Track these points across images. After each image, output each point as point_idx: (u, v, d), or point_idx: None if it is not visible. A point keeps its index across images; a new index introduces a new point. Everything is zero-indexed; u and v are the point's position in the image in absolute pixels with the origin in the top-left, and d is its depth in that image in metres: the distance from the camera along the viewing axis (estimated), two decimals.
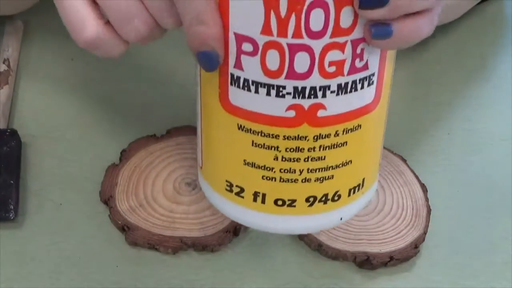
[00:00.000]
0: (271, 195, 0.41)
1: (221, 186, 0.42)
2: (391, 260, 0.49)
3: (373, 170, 0.44)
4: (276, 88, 0.37)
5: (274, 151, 0.39)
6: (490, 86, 0.66)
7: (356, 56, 0.36)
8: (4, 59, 0.62)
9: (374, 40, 0.35)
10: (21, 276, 0.48)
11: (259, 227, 0.43)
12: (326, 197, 0.41)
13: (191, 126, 0.58)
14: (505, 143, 0.60)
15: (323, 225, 0.44)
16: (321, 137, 0.38)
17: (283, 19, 0.34)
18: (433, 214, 0.53)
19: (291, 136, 0.38)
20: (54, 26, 0.68)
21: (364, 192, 0.43)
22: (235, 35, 0.36)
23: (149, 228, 0.50)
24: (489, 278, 0.50)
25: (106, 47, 0.39)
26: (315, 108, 0.37)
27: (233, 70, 0.37)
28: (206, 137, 0.42)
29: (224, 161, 0.41)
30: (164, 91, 0.63)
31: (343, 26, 0.35)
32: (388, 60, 0.39)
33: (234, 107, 0.38)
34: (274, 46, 0.35)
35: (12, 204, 0.51)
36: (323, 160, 0.39)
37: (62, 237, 0.51)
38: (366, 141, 0.41)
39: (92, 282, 0.48)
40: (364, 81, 0.38)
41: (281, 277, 0.49)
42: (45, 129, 0.58)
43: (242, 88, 0.37)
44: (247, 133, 0.39)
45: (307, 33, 0.35)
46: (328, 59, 0.36)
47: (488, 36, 0.72)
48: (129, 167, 0.54)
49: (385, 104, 0.41)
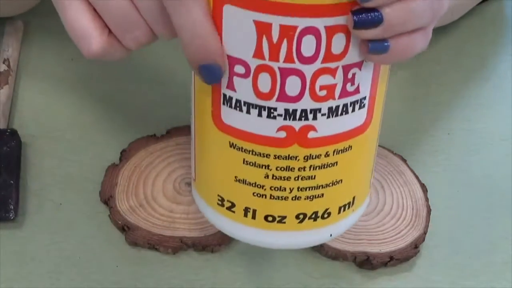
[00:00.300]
0: (261, 211, 0.41)
1: (213, 200, 0.43)
2: (391, 260, 0.49)
3: (364, 187, 0.44)
4: (267, 109, 0.37)
5: (265, 169, 0.39)
6: (490, 86, 0.66)
7: (347, 81, 0.37)
8: (4, 59, 0.62)
9: (370, 55, 0.35)
10: (21, 276, 0.48)
11: (249, 242, 0.44)
12: (316, 214, 0.41)
13: None
14: (505, 143, 0.60)
15: (313, 241, 0.45)
16: (312, 157, 0.39)
17: (275, 44, 0.35)
18: (433, 214, 0.53)
19: (281, 155, 0.38)
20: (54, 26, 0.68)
21: (355, 210, 0.43)
22: (227, 57, 0.36)
23: (149, 228, 0.50)
24: (489, 278, 0.50)
25: (110, 56, 0.40)
26: (306, 129, 0.38)
27: (225, 91, 0.38)
28: (199, 152, 0.43)
29: (216, 176, 0.42)
30: (164, 91, 0.63)
31: (335, 52, 0.35)
32: (380, 83, 0.39)
33: (226, 126, 0.39)
34: (266, 70, 0.36)
35: (12, 204, 0.51)
36: (313, 179, 0.40)
37: (62, 237, 0.51)
38: (357, 161, 0.41)
39: (92, 282, 0.48)
40: (355, 104, 0.38)
41: (281, 277, 0.49)
42: (45, 129, 0.58)
43: (234, 108, 0.38)
44: (239, 151, 0.39)
45: (299, 58, 0.35)
46: (319, 83, 0.36)
47: (488, 36, 0.72)
48: (129, 167, 0.54)
49: (377, 125, 0.41)
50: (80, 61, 0.65)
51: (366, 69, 0.37)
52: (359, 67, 0.37)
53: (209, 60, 0.36)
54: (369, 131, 0.40)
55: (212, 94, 0.38)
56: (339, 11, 0.34)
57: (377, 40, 0.35)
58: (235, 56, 0.36)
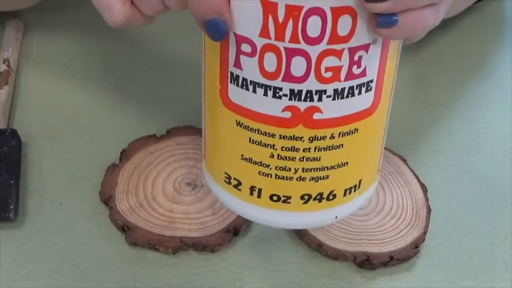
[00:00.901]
0: (266, 190, 0.41)
1: (220, 177, 0.43)
2: (391, 260, 0.49)
3: (371, 171, 0.44)
4: (273, 89, 0.37)
5: (270, 149, 0.39)
6: (490, 86, 0.66)
7: (353, 63, 0.36)
8: (4, 59, 0.62)
9: (379, 28, 0.35)
10: (21, 276, 0.48)
11: (255, 220, 0.44)
12: (321, 196, 0.41)
13: (191, 126, 0.58)
14: (505, 143, 0.60)
15: (317, 222, 0.45)
16: (317, 138, 0.39)
17: (280, 24, 0.35)
18: (433, 214, 0.53)
19: (286, 136, 0.39)
20: (54, 26, 0.68)
21: (361, 193, 0.43)
22: (235, 36, 0.37)
23: (149, 228, 0.50)
24: (489, 278, 0.50)
25: (132, 24, 0.43)
26: (311, 110, 0.38)
27: (232, 69, 0.38)
28: (208, 129, 0.43)
29: (223, 154, 0.42)
30: (164, 91, 0.63)
31: (341, 34, 0.35)
32: (389, 66, 0.39)
33: (233, 104, 0.39)
34: (272, 49, 0.36)
35: (12, 204, 0.51)
36: (318, 160, 0.40)
37: (62, 237, 0.51)
38: (364, 144, 0.41)
39: (92, 282, 0.48)
40: (361, 87, 0.38)
41: (281, 277, 0.49)
42: (45, 129, 0.58)
43: (241, 86, 0.38)
44: (245, 129, 0.39)
45: (304, 38, 0.35)
46: (325, 64, 0.36)
47: (488, 36, 0.72)
48: (129, 167, 0.54)
49: (386, 109, 0.41)
50: (80, 61, 0.65)
51: (373, 52, 0.37)
52: (366, 50, 0.36)
53: (213, 14, 0.36)
54: (376, 114, 0.40)
55: (220, 72, 0.39)
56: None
57: (386, 14, 0.35)
58: (242, 34, 0.36)
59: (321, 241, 0.50)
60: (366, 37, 0.36)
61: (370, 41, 0.36)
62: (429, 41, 0.68)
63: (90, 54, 0.65)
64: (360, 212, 0.52)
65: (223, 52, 0.38)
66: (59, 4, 0.70)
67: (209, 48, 0.39)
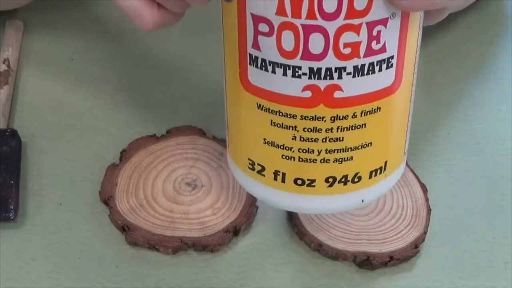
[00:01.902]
0: (290, 174, 0.41)
1: (244, 164, 0.43)
2: (391, 260, 0.49)
3: (397, 153, 0.43)
4: (292, 68, 0.37)
5: (292, 130, 0.39)
6: (490, 86, 0.66)
7: (372, 38, 0.36)
8: (4, 59, 0.62)
9: (396, 0, 0.35)
10: (21, 276, 0.48)
11: (280, 206, 0.44)
12: (345, 178, 0.41)
13: (191, 126, 0.58)
14: (505, 143, 0.60)
15: (343, 206, 0.44)
16: (339, 118, 0.38)
17: (296, 0, 0.35)
18: (433, 214, 0.53)
19: (308, 116, 0.38)
20: (54, 25, 0.68)
21: (387, 175, 0.43)
22: (252, 16, 0.36)
23: (149, 228, 0.50)
24: (489, 278, 0.50)
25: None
26: (332, 89, 0.37)
27: (251, 50, 0.38)
28: (230, 115, 0.43)
29: (246, 139, 0.42)
30: (164, 91, 0.63)
31: (358, 8, 0.35)
32: (409, 42, 0.38)
33: (253, 87, 0.39)
34: (289, 27, 0.36)
35: (12, 204, 0.51)
36: (341, 141, 0.39)
37: (62, 237, 0.51)
38: (387, 123, 0.40)
39: (92, 282, 0.48)
40: (382, 63, 0.37)
41: (281, 277, 0.49)
42: (45, 129, 0.58)
43: (260, 68, 0.38)
44: (266, 112, 0.39)
45: (321, 14, 0.35)
46: (343, 40, 0.36)
47: (488, 36, 0.72)
48: (129, 167, 0.54)
49: (409, 87, 0.40)
50: (80, 61, 0.65)
51: (392, 26, 0.36)
52: (385, 25, 0.36)
53: None
54: (399, 92, 0.39)
55: (239, 54, 0.38)
56: None
57: None
58: (258, 14, 0.36)
59: (321, 241, 0.50)
60: (384, 11, 0.35)
61: (388, 15, 0.36)
62: (429, 41, 0.68)
63: (90, 54, 0.65)
64: (360, 212, 0.52)
65: (241, 34, 0.38)
66: (59, 4, 0.70)
67: (228, 31, 0.39)
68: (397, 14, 0.36)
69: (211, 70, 0.64)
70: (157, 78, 0.64)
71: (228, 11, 0.38)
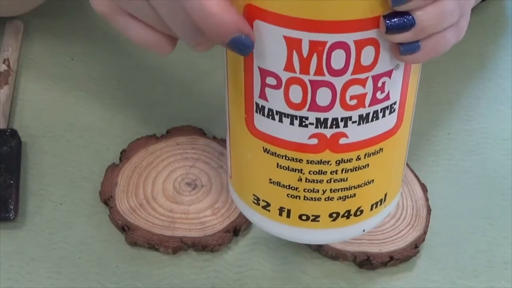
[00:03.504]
0: (295, 211, 0.42)
1: (248, 198, 0.43)
2: (391, 260, 0.49)
3: (396, 183, 0.44)
4: (299, 118, 0.37)
5: (298, 173, 0.40)
6: (490, 86, 0.66)
7: (377, 89, 0.37)
8: (4, 59, 0.62)
9: (402, 56, 0.35)
10: (21, 276, 0.48)
11: (286, 238, 0.45)
12: (348, 212, 0.42)
13: (191, 126, 0.58)
14: (505, 143, 0.60)
15: (346, 237, 0.46)
16: (343, 161, 0.39)
17: (305, 58, 0.35)
18: (433, 214, 0.53)
19: (314, 160, 0.39)
20: (54, 26, 0.68)
21: (387, 205, 0.44)
22: (259, 69, 0.37)
23: (149, 228, 0.50)
24: (489, 278, 0.50)
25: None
26: (337, 136, 0.38)
27: (258, 100, 0.38)
28: (234, 152, 0.43)
29: (251, 177, 0.42)
30: (164, 91, 0.63)
31: (364, 64, 0.35)
32: (411, 86, 0.39)
33: (259, 132, 0.39)
34: (297, 82, 0.36)
35: (12, 204, 0.51)
36: (346, 181, 0.40)
37: (62, 237, 0.51)
38: (388, 161, 0.41)
39: (92, 282, 0.48)
40: (385, 110, 0.38)
41: (281, 277, 0.49)
42: (45, 129, 0.58)
43: (267, 116, 0.38)
44: (272, 155, 0.40)
45: (329, 71, 0.35)
46: (350, 93, 0.36)
47: (488, 36, 0.72)
48: (129, 167, 0.54)
49: (408, 125, 0.41)
50: (80, 61, 0.65)
51: (396, 76, 0.37)
52: (389, 76, 0.37)
53: (232, 34, 0.35)
54: (399, 132, 0.40)
55: (245, 102, 0.39)
56: (367, 26, 0.34)
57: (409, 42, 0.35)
58: (266, 68, 0.36)
59: None
60: (389, 63, 0.36)
61: (392, 67, 0.36)
62: None
63: (90, 55, 0.65)
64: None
65: (247, 84, 0.38)
66: (59, 4, 0.70)
67: (233, 78, 0.39)
68: (401, 65, 0.37)
69: (211, 70, 0.64)
70: (157, 78, 0.64)
71: (234, 60, 0.38)
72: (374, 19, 0.34)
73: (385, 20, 0.34)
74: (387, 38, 0.35)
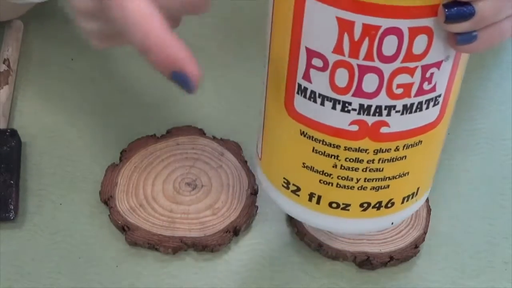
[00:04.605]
0: (326, 198, 0.41)
1: (278, 181, 0.43)
2: (391, 260, 0.49)
3: (429, 178, 0.44)
4: (342, 103, 0.37)
5: (334, 159, 0.39)
6: (490, 86, 0.66)
7: (424, 80, 0.36)
8: (4, 59, 0.62)
9: (459, 46, 0.35)
10: (21, 276, 0.48)
11: (311, 224, 0.44)
12: (380, 204, 0.42)
13: (191, 126, 0.58)
14: (505, 143, 0.60)
15: (374, 228, 0.46)
16: (381, 151, 0.39)
17: (356, 41, 0.35)
18: (433, 214, 0.53)
19: (352, 147, 0.39)
20: (54, 26, 0.68)
21: (418, 200, 0.43)
22: (306, 49, 0.36)
23: (149, 228, 0.50)
24: (489, 278, 0.50)
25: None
26: (379, 125, 0.38)
27: (301, 81, 0.38)
28: (267, 133, 0.43)
29: (284, 160, 0.42)
30: (164, 91, 0.63)
31: (416, 52, 0.35)
32: (457, 80, 0.39)
33: (298, 114, 0.39)
34: (344, 65, 0.36)
35: (12, 204, 0.51)
36: (381, 171, 0.40)
37: (62, 237, 0.51)
38: (425, 154, 0.41)
39: (92, 282, 0.48)
40: (430, 102, 0.38)
41: (281, 277, 0.49)
42: (45, 129, 0.58)
43: (308, 98, 0.38)
44: (309, 139, 0.39)
45: (379, 57, 0.35)
46: (397, 82, 0.36)
47: None
48: (129, 167, 0.54)
49: (448, 119, 0.41)
50: (80, 61, 0.65)
51: (444, 68, 0.37)
52: (438, 67, 0.36)
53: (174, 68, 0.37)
54: (440, 126, 0.40)
55: (287, 82, 0.38)
56: (424, 13, 0.34)
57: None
58: (313, 49, 0.36)
59: (321, 241, 0.50)
60: (440, 54, 0.36)
61: (443, 58, 0.36)
62: None
63: (90, 54, 0.65)
64: None
65: (291, 63, 0.38)
66: (59, 4, 0.70)
67: (276, 57, 0.39)
68: (450, 57, 0.37)
69: (211, 70, 0.64)
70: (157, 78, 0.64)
71: (280, 38, 0.38)
72: (431, 7, 0.33)
73: (444, 9, 0.33)
74: (445, 27, 0.34)
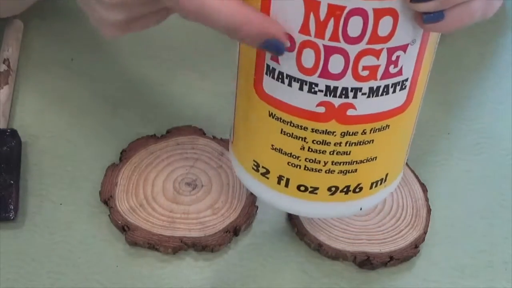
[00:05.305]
0: (294, 181, 0.42)
1: (248, 164, 0.43)
2: (391, 260, 0.49)
3: (398, 165, 0.44)
4: (308, 84, 0.37)
5: (301, 141, 0.40)
6: (490, 85, 0.66)
7: (390, 63, 0.37)
8: (4, 59, 0.62)
9: (426, 24, 0.35)
10: (21, 276, 0.48)
11: (280, 207, 0.44)
12: (348, 188, 0.42)
13: (191, 126, 0.58)
14: (505, 143, 0.60)
15: (342, 213, 0.46)
16: (348, 134, 0.39)
17: (321, 22, 0.35)
18: (433, 214, 0.53)
19: (319, 129, 0.39)
20: (54, 26, 0.68)
21: (387, 186, 0.44)
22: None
23: (149, 228, 0.50)
24: (489, 278, 0.50)
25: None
26: (345, 107, 0.38)
27: (269, 62, 0.38)
28: (238, 115, 0.43)
29: (253, 142, 0.42)
30: (164, 91, 0.63)
31: (381, 34, 0.35)
32: (424, 65, 0.39)
33: (267, 95, 0.39)
34: (311, 46, 0.36)
35: (12, 204, 0.51)
36: (348, 155, 0.40)
37: (62, 237, 0.51)
38: (393, 140, 0.41)
39: (92, 282, 0.48)
40: (396, 85, 0.38)
41: (281, 277, 0.49)
42: (45, 129, 0.58)
43: (276, 79, 0.38)
44: (277, 121, 0.40)
45: (344, 37, 0.35)
46: (362, 63, 0.36)
47: (488, 35, 0.72)
48: (129, 167, 0.54)
49: (417, 106, 0.41)
50: (80, 61, 0.65)
51: (411, 52, 0.37)
52: (404, 50, 0.36)
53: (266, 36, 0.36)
54: (408, 111, 0.40)
55: (256, 63, 0.39)
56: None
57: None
58: None
59: (321, 241, 0.50)
60: (406, 37, 0.36)
61: (409, 42, 0.36)
62: None
63: (90, 54, 0.65)
64: (360, 212, 0.52)
65: None
66: (59, 4, 0.70)
67: None
68: (417, 40, 0.37)
69: (211, 70, 0.64)
70: (157, 78, 0.64)
71: None
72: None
73: None
74: (411, 7, 0.34)
